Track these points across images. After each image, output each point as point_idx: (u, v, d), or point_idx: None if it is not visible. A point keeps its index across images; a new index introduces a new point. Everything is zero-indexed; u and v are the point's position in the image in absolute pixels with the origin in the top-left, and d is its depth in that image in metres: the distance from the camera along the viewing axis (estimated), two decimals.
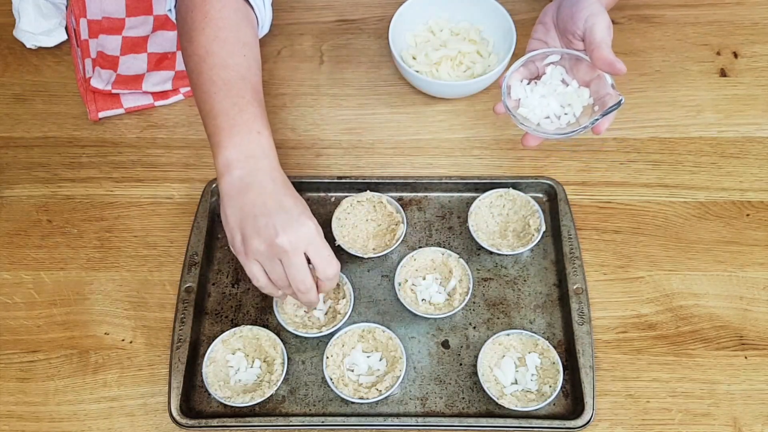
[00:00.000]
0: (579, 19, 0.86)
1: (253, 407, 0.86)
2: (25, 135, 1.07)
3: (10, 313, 0.93)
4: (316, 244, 0.80)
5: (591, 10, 0.85)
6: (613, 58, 0.83)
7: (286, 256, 0.78)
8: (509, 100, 0.89)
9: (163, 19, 1.14)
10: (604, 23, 0.85)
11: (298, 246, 0.78)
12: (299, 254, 0.79)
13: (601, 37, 0.84)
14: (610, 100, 0.85)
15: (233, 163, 0.81)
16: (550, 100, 0.89)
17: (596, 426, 0.85)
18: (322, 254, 0.80)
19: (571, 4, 0.87)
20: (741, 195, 1.00)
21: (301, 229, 0.79)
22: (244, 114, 0.83)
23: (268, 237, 0.78)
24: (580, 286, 0.91)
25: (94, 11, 1.15)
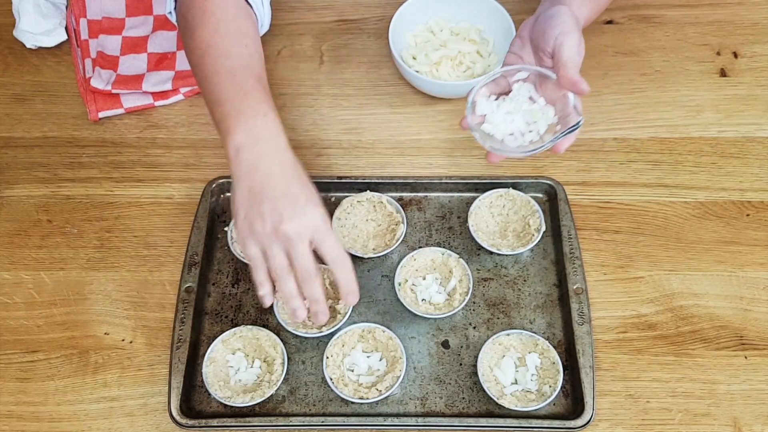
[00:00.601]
0: (549, 36, 0.85)
1: (253, 407, 0.86)
2: (25, 135, 1.07)
3: (10, 313, 0.93)
4: (321, 232, 0.79)
5: (562, 28, 0.84)
6: (577, 77, 0.83)
7: (290, 243, 0.78)
8: (473, 116, 0.88)
9: (163, 19, 1.14)
10: (574, 42, 0.84)
11: (303, 234, 0.78)
12: (304, 242, 0.78)
13: (568, 56, 0.83)
14: (571, 120, 0.84)
15: (242, 147, 0.81)
16: (516, 117, 0.87)
17: (596, 426, 0.85)
18: (327, 242, 0.79)
19: (545, 20, 0.86)
20: (741, 195, 1.00)
21: (306, 217, 0.78)
22: (249, 98, 0.83)
23: (272, 223, 0.78)
24: (580, 286, 0.91)
25: (94, 11, 1.15)
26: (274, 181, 0.79)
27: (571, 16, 0.86)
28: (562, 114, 0.86)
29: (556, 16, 0.85)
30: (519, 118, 0.87)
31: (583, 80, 0.83)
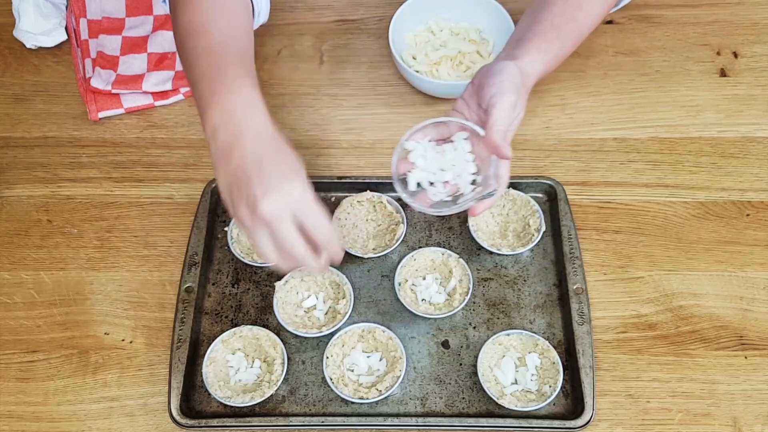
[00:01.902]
0: (486, 93, 0.83)
1: (253, 407, 0.86)
2: (25, 135, 1.07)
3: (10, 313, 0.93)
4: (301, 207, 0.73)
5: (498, 88, 0.82)
6: (498, 142, 0.80)
7: (270, 226, 0.73)
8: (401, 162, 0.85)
9: (163, 19, 1.14)
10: (507, 103, 0.81)
11: (281, 213, 0.72)
12: (283, 222, 0.72)
13: (495, 118, 0.81)
14: (489, 186, 0.82)
15: (217, 128, 0.77)
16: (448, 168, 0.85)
17: (596, 426, 0.85)
18: (309, 217, 0.74)
19: (487, 75, 0.84)
20: (741, 195, 1.00)
21: (283, 193, 0.72)
22: (223, 75, 0.79)
23: (251, 206, 0.72)
24: (580, 286, 0.91)
25: (94, 11, 1.15)
26: (247, 161, 0.74)
27: (514, 74, 0.83)
28: (484, 174, 0.83)
29: (497, 73, 0.83)
30: (450, 170, 0.85)
31: (506, 146, 0.80)
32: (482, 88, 0.83)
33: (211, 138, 0.78)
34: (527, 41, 0.87)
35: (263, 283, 0.94)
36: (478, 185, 0.84)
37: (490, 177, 0.82)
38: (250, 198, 0.73)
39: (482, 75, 0.85)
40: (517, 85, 0.83)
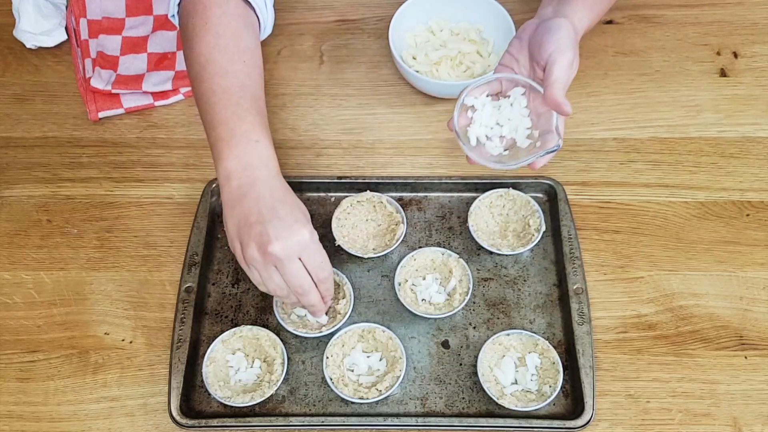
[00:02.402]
0: (544, 51, 0.84)
1: (253, 407, 0.86)
2: (25, 135, 1.07)
3: (10, 313, 0.93)
4: (309, 251, 0.80)
5: (558, 45, 0.84)
6: (561, 99, 0.82)
7: (280, 263, 0.79)
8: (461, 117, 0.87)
9: (163, 19, 1.14)
10: (566, 61, 0.83)
11: (291, 253, 0.79)
12: (293, 261, 0.79)
13: (556, 75, 0.83)
14: (550, 140, 0.84)
15: (232, 174, 0.82)
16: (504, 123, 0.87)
17: (596, 426, 0.85)
18: (314, 262, 0.81)
19: (544, 31, 0.86)
20: (741, 195, 1.00)
21: (294, 237, 0.79)
22: (242, 123, 0.84)
23: (261, 244, 0.78)
24: (580, 286, 0.91)
25: (94, 11, 1.15)
26: (262, 206, 0.80)
27: (570, 30, 0.85)
28: (544, 130, 0.86)
29: (554, 30, 0.85)
30: (507, 124, 0.87)
31: (567, 102, 0.82)
32: (539, 45, 0.85)
33: (224, 181, 0.83)
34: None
35: None
36: (535, 139, 0.87)
37: (552, 132, 0.85)
38: (262, 237, 0.78)
39: (537, 32, 0.87)
40: (573, 43, 0.85)
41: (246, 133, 0.83)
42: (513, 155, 0.87)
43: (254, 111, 0.85)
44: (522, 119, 0.87)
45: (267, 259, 0.79)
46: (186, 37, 0.90)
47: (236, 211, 0.81)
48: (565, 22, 0.86)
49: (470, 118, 0.88)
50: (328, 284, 0.83)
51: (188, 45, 0.89)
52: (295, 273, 0.80)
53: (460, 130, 0.87)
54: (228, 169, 0.82)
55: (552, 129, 0.84)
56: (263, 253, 0.78)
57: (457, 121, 0.87)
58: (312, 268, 0.81)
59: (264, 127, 0.85)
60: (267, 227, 0.78)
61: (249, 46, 0.90)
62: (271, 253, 0.78)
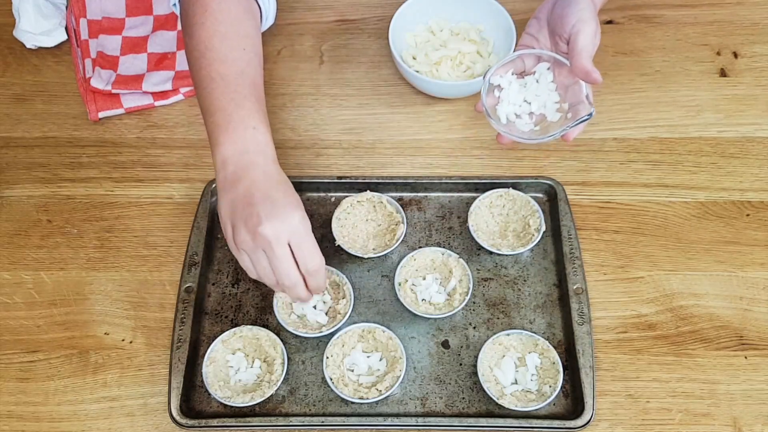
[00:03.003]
0: (567, 23, 0.86)
1: (253, 407, 0.86)
2: (25, 135, 1.07)
3: (10, 313, 0.93)
4: (299, 235, 0.78)
5: (580, 16, 0.85)
6: (590, 67, 0.84)
7: (269, 246, 0.77)
8: (489, 97, 0.89)
9: (163, 19, 1.14)
10: (590, 30, 0.85)
11: (281, 236, 0.77)
12: (282, 245, 0.77)
13: (582, 45, 0.84)
14: (582, 110, 0.85)
15: (228, 159, 0.82)
16: (533, 99, 0.89)
17: (596, 426, 0.85)
18: (304, 246, 0.79)
19: (564, 5, 0.87)
20: (741, 195, 1.00)
21: (285, 219, 0.77)
22: (240, 110, 0.83)
23: (252, 226, 0.77)
24: (580, 286, 0.91)
25: (94, 11, 1.15)
26: (255, 189, 0.79)
27: (589, 3, 0.87)
28: (572, 101, 0.87)
29: (574, 3, 0.86)
30: (535, 100, 0.89)
31: (596, 70, 0.84)
32: (561, 18, 0.86)
33: (220, 167, 0.82)
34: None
35: (263, 283, 0.94)
36: (564, 112, 0.88)
37: (582, 102, 0.86)
38: (252, 219, 0.77)
39: (557, 6, 0.88)
40: (594, 14, 0.87)
41: (243, 120, 0.83)
42: (544, 130, 0.88)
43: (252, 98, 0.85)
44: (550, 93, 0.89)
45: (257, 242, 0.77)
46: (186, 24, 0.89)
47: (230, 196, 0.80)
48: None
49: (497, 98, 0.89)
50: (318, 278, 0.81)
51: (188, 32, 0.89)
52: (282, 259, 0.78)
53: (489, 109, 0.88)
54: (224, 154, 0.82)
55: (582, 99, 0.86)
56: (253, 234, 0.77)
57: (486, 101, 0.88)
58: (300, 256, 0.79)
59: (262, 114, 0.85)
60: (258, 209, 0.77)
61: (249, 33, 0.89)
62: (261, 234, 0.77)
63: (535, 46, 0.91)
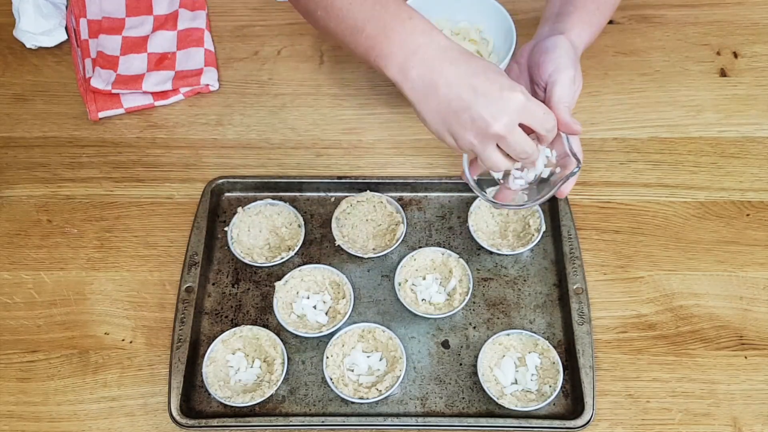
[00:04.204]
0: (544, 71, 0.82)
1: (253, 407, 0.86)
2: (25, 135, 1.07)
3: (10, 313, 0.93)
4: (528, 111, 0.75)
5: (557, 64, 0.81)
6: (567, 119, 0.80)
7: (503, 140, 0.75)
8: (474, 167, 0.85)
9: (163, 19, 1.14)
10: (567, 79, 0.81)
11: (513, 124, 0.74)
12: (515, 131, 0.75)
13: (558, 96, 0.80)
14: (569, 164, 0.82)
15: (405, 66, 0.75)
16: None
17: (596, 426, 0.85)
18: (537, 117, 0.76)
19: (542, 52, 0.83)
20: (741, 195, 1.00)
21: (510, 106, 0.74)
22: (388, 9, 0.77)
23: (479, 129, 0.74)
24: (580, 286, 0.91)
25: (94, 11, 1.15)
26: (457, 89, 0.74)
27: (568, 48, 0.83)
28: (560, 154, 0.83)
29: (552, 50, 0.83)
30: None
31: (575, 121, 0.80)
32: (538, 66, 0.83)
33: (401, 78, 0.76)
34: (568, 15, 0.87)
35: (263, 283, 0.94)
36: (553, 165, 0.84)
37: (567, 155, 0.82)
38: (477, 122, 0.74)
39: (534, 53, 0.84)
40: (573, 59, 0.83)
41: (396, 17, 0.76)
42: (536, 189, 0.85)
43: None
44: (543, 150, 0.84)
45: (487, 141, 0.75)
46: None
47: (431, 105, 0.75)
48: (561, 39, 0.83)
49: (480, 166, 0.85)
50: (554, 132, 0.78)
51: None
52: (519, 142, 0.75)
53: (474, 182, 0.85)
54: (399, 63, 0.75)
55: (567, 152, 0.82)
56: (483, 136, 0.75)
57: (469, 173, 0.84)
58: (537, 125, 0.76)
59: (406, 2, 0.79)
60: (477, 110, 0.73)
61: None
62: (493, 134, 0.74)
63: None
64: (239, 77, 1.11)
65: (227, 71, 1.12)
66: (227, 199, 1.00)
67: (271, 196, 0.99)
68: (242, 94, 1.10)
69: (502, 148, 0.77)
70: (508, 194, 0.85)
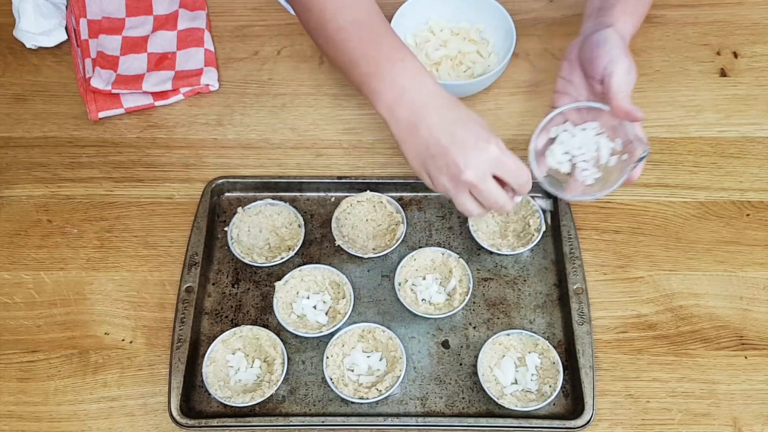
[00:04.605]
0: (598, 65, 0.85)
1: (253, 407, 0.86)
2: (25, 135, 1.07)
3: (10, 313, 0.93)
4: (501, 164, 0.78)
5: (611, 56, 0.85)
6: (629, 107, 0.84)
7: (474, 188, 0.78)
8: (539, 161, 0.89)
9: (163, 19, 1.14)
10: (623, 69, 0.84)
11: (485, 175, 0.78)
12: (488, 181, 0.78)
13: (617, 86, 0.84)
14: (637, 148, 0.85)
15: (393, 106, 0.80)
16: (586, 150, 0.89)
17: (596, 426, 0.85)
18: (509, 170, 0.79)
19: (593, 46, 0.86)
20: (741, 195, 1.00)
21: (483, 156, 0.77)
22: (382, 49, 0.81)
23: (452, 175, 0.78)
24: (580, 286, 0.91)
25: (94, 11, 1.15)
26: (437, 134, 0.78)
27: (618, 39, 0.86)
28: (625, 141, 0.87)
29: (603, 43, 0.85)
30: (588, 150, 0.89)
31: (637, 108, 0.83)
32: (591, 61, 0.86)
33: (388, 116, 0.81)
34: (611, 8, 0.89)
35: (263, 283, 0.94)
36: (620, 153, 0.88)
37: (632, 141, 0.86)
38: (451, 168, 0.78)
39: (585, 49, 0.87)
40: (624, 50, 0.86)
41: (389, 57, 0.81)
42: (605, 178, 0.89)
43: (388, 32, 0.83)
44: (600, 138, 0.89)
45: (460, 188, 0.79)
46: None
47: (413, 145, 0.80)
48: (610, 32, 0.86)
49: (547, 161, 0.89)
50: (528, 186, 0.81)
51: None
52: (491, 192, 0.79)
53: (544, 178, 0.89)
54: (387, 102, 0.80)
55: (633, 138, 0.85)
56: (456, 182, 0.78)
57: (538, 170, 0.88)
58: (510, 178, 0.79)
59: (403, 45, 0.83)
60: (452, 156, 0.77)
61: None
62: (464, 181, 0.77)
63: (570, 90, 0.91)
64: (239, 77, 1.11)
65: (227, 71, 1.12)
66: (227, 199, 1.00)
67: (271, 196, 0.99)
68: (242, 94, 1.10)
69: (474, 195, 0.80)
70: (577, 186, 0.89)
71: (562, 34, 1.13)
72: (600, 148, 0.89)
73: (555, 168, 0.90)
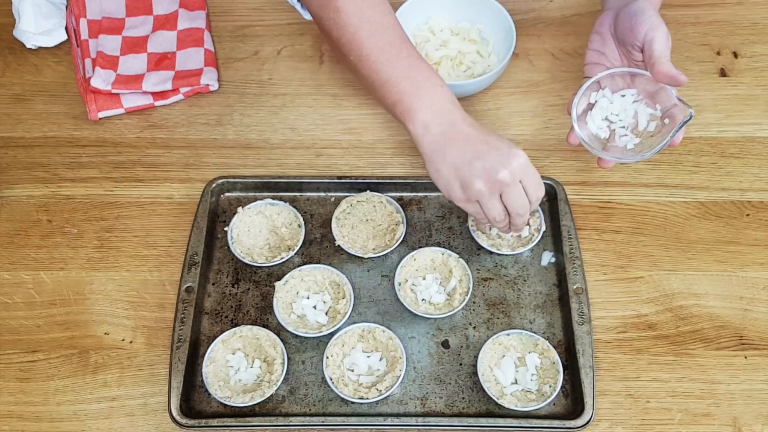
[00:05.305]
0: (638, 32, 0.88)
1: (253, 407, 0.86)
2: (25, 135, 1.07)
3: (10, 313, 0.93)
4: (528, 171, 0.84)
5: (650, 23, 0.88)
6: (674, 71, 0.87)
7: (507, 188, 0.83)
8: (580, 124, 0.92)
9: (163, 19, 1.14)
10: (663, 36, 0.88)
11: (516, 176, 0.83)
12: (516, 184, 0.83)
13: (660, 51, 0.87)
14: (678, 113, 0.89)
15: (430, 123, 0.85)
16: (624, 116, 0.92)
17: (596, 426, 0.85)
18: (534, 179, 0.84)
19: (630, 16, 0.89)
20: (741, 195, 1.00)
21: (516, 161, 0.82)
22: (422, 72, 0.87)
23: (488, 176, 0.82)
24: (580, 286, 0.91)
25: (94, 11, 1.15)
26: (475, 143, 0.83)
27: (652, 9, 0.89)
28: (664, 107, 0.90)
29: (640, 12, 0.89)
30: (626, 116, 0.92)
31: (680, 72, 0.87)
32: (631, 29, 0.89)
33: (423, 132, 0.85)
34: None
35: (263, 283, 0.94)
36: (659, 119, 0.92)
37: (674, 105, 0.90)
38: (487, 170, 0.82)
39: (621, 20, 0.91)
40: (660, 18, 0.89)
41: (429, 80, 0.86)
42: (646, 143, 0.92)
43: (422, 58, 0.88)
44: (638, 105, 0.92)
45: (494, 189, 0.83)
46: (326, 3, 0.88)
47: (449, 156, 0.83)
48: (645, 3, 0.90)
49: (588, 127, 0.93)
50: (537, 203, 0.87)
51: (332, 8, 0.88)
52: (520, 195, 0.84)
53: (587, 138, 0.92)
54: (424, 119, 0.85)
55: (674, 102, 0.89)
56: (491, 183, 0.82)
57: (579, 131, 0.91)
58: (532, 188, 0.84)
59: (434, 71, 0.88)
60: (490, 160, 0.82)
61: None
62: (500, 181, 0.82)
63: (603, 61, 0.94)
64: (239, 77, 1.11)
65: (227, 71, 1.12)
66: (227, 199, 1.00)
67: (271, 196, 0.99)
68: (242, 94, 1.10)
69: (503, 199, 0.84)
70: (617, 150, 0.93)
71: (562, 34, 1.13)
72: (638, 114, 0.92)
73: (595, 133, 0.93)
